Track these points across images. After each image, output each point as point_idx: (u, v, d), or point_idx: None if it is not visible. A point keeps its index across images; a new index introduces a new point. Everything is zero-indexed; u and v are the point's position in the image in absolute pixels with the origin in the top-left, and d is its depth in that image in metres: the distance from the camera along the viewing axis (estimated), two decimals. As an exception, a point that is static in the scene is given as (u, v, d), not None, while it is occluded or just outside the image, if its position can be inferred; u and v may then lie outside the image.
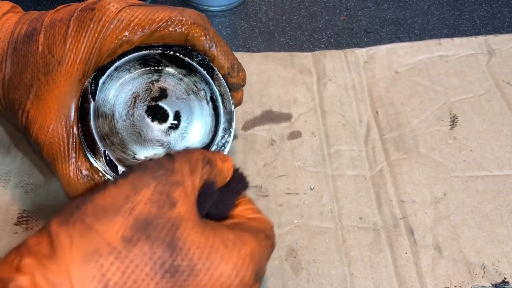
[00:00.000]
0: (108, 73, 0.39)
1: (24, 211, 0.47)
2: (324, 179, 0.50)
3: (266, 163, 0.51)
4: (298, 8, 0.71)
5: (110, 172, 0.39)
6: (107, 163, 0.38)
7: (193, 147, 0.33)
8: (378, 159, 0.52)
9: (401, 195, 0.49)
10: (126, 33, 0.38)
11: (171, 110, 0.42)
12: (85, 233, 0.27)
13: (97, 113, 0.39)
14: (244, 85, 0.44)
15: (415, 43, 0.63)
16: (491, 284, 0.44)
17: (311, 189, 0.50)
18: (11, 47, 0.39)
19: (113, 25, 0.37)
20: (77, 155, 0.38)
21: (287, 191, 0.49)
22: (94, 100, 0.38)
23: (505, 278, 0.44)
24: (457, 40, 0.63)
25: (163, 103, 0.42)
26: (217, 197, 0.34)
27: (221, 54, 0.41)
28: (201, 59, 0.41)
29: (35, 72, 0.38)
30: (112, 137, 0.40)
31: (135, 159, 0.41)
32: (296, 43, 0.65)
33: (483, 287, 0.44)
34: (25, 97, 0.38)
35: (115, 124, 0.40)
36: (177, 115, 0.42)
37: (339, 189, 0.50)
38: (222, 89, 0.42)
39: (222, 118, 0.42)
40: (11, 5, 0.42)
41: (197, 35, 0.40)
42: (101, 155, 0.38)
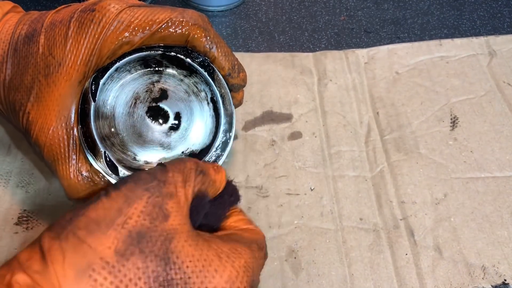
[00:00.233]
0: (108, 74, 0.39)
1: (24, 211, 0.47)
2: (324, 179, 0.50)
3: (266, 163, 0.51)
4: (298, 8, 0.70)
5: (110, 173, 0.39)
6: (107, 164, 0.38)
7: (185, 157, 0.33)
8: (378, 160, 0.52)
9: (401, 196, 0.49)
10: (126, 34, 0.38)
11: (172, 111, 0.42)
12: (78, 248, 0.26)
13: (97, 114, 0.39)
14: (244, 86, 0.44)
15: (416, 44, 0.63)
16: (491, 285, 0.44)
17: (312, 190, 0.50)
18: (11, 48, 0.39)
19: (113, 26, 0.37)
20: (77, 156, 0.38)
21: (287, 192, 0.49)
22: (94, 101, 0.38)
23: (505, 279, 0.44)
24: (457, 40, 0.63)
25: (164, 104, 0.42)
26: (209, 208, 0.34)
27: (222, 55, 0.41)
28: (201, 60, 0.41)
29: (36, 73, 0.37)
30: (112, 138, 0.40)
31: (136, 160, 0.41)
32: (296, 43, 0.65)
33: (483, 288, 0.44)
34: (25, 99, 0.38)
35: (116, 125, 0.40)
36: (177, 116, 0.42)
37: (340, 190, 0.50)
38: (222, 90, 0.42)
39: (222, 119, 0.42)
40: (12, 5, 0.42)
41: (198, 36, 0.40)
42: (101, 156, 0.38)
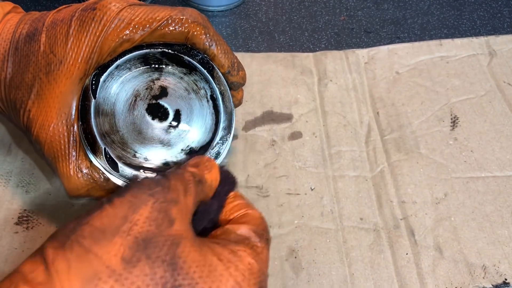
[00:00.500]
0: (109, 71, 0.39)
1: (24, 210, 0.46)
2: (324, 179, 0.50)
3: (266, 163, 0.51)
4: (298, 8, 0.70)
5: (110, 170, 0.39)
6: (107, 161, 0.38)
7: (181, 169, 0.33)
8: (379, 160, 0.52)
9: (401, 196, 0.49)
10: (127, 32, 0.38)
11: (172, 108, 0.42)
12: (83, 257, 0.25)
13: (97, 111, 0.39)
14: (244, 84, 0.44)
15: (416, 44, 0.63)
16: (492, 285, 0.44)
17: (312, 190, 0.49)
18: (13, 47, 0.39)
19: (114, 24, 0.37)
20: (77, 153, 0.38)
21: (287, 192, 0.49)
22: (95, 98, 0.38)
23: (506, 279, 0.44)
24: (458, 40, 0.63)
25: (164, 102, 0.42)
26: (208, 208, 0.34)
27: (221, 52, 0.41)
28: (201, 57, 0.41)
29: (37, 71, 0.38)
30: (112, 135, 0.40)
31: (135, 157, 0.41)
32: (296, 43, 0.65)
33: (484, 288, 0.44)
34: (26, 97, 0.38)
35: (116, 122, 0.40)
36: (177, 114, 0.42)
37: (340, 189, 0.50)
38: (222, 88, 0.42)
39: (222, 116, 0.42)
40: (12, 5, 0.42)
41: (197, 33, 0.40)
42: (101, 152, 0.38)
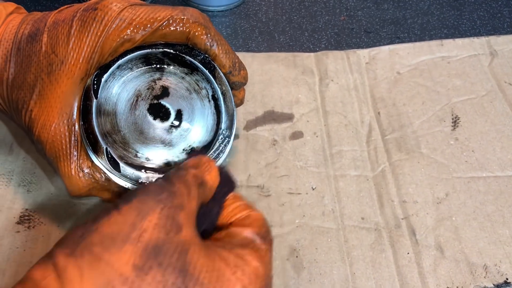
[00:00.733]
0: (110, 71, 0.39)
1: (26, 210, 0.46)
2: (326, 179, 0.50)
3: (268, 163, 0.51)
4: (298, 8, 0.71)
5: (112, 169, 0.39)
6: (109, 161, 0.38)
7: (184, 170, 0.33)
8: (380, 159, 0.52)
9: (403, 195, 0.49)
10: (128, 32, 0.38)
11: (173, 108, 0.42)
12: (95, 265, 0.25)
13: (99, 111, 0.39)
14: (245, 84, 0.44)
15: (417, 44, 0.63)
16: (493, 284, 0.44)
17: (313, 189, 0.49)
18: (15, 47, 0.39)
19: (115, 24, 0.38)
20: (79, 153, 0.38)
21: (289, 191, 0.49)
22: (96, 98, 0.38)
23: (507, 278, 0.44)
24: (459, 41, 0.63)
25: (165, 102, 0.42)
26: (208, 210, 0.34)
27: (222, 52, 0.41)
28: (202, 57, 0.41)
29: (39, 72, 0.38)
30: (114, 135, 0.40)
31: (137, 157, 0.41)
32: (296, 43, 0.65)
33: (485, 287, 0.44)
34: (28, 97, 0.38)
35: (117, 122, 0.40)
36: (179, 114, 0.42)
37: (341, 189, 0.50)
38: (223, 88, 0.42)
39: (223, 116, 0.42)
40: (15, 6, 0.43)
41: (198, 33, 0.40)
42: (103, 152, 0.38)
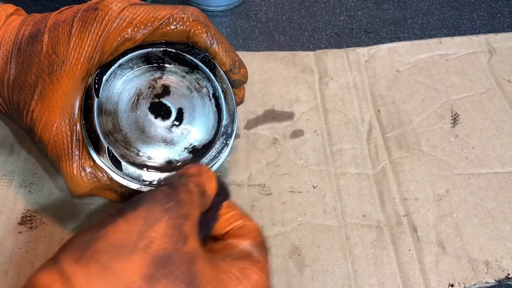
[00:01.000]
0: (111, 70, 0.39)
1: (28, 210, 0.46)
2: (327, 177, 0.50)
3: (269, 161, 0.51)
4: (298, 8, 0.71)
5: (114, 168, 0.39)
6: (110, 160, 0.38)
7: (185, 178, 0.33)
8: (380, 157, 0.52)
9: (403, 192, 0.49)
10: (128, 31, 0.38)
11: (174, 107, 0.42)
12: (103, 274, 0.25)
13: (100, 110, 0.39)
14: (246, 82, 0.44)
15: (416, 42, 0.63)
16: (495, 280, 0.44)
17: (314, 187, 0.50)
18: (15, 48, 0.39)
19: (115, 23, 0.38)
20: (81, 152, 0.38)
21: (290, 190, 0.49)
22: (97, 97, 0.38)
23: (509, 274, 0.44)
24: (457, 38, 0.63)
25: (166, 100, 0.42)
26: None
27: (223, 50, 0.41)
28: (203, 56, 0.41)
29: (40, 72, 0.38)
30: (115, 134, 0.40)
31: (139, 156, 0.41)
32: (296, 43, 0.65)
33: (486, 283, 0.44)
34: (29, 97, 0.38)
35: (119, 121, 0.40)
36: (180, 112, 0.42)
37: (342, 187, 0.50)
38: (224, 86, 0.42)
39: (224, 114, 0.42)
40: (15, 8, 0.43)
41: (199, 31, 0.40)
42: (104, 151, 0.38)
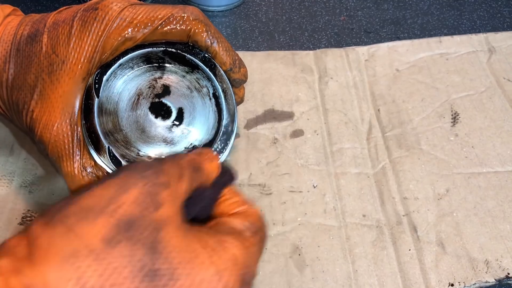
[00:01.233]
0: (111, 70, 0.39)
1: (28, 211, 0.46)
2: (327, 177, 0.50)
3: (269, 161, 0.51)
4: (298, 8, 0.71)
5: (114, 168, 0.39)
6: (111, 159, 0.38)
7: (183, 153, 0.33)
8: (380, 156, 0.52)
9: (403, 192, 0.49)
10: (129, 31, 0.38)
11: (174, 106, 0.42)
12: (65, 236, 0.25)
13: (101, 110, 0.39)
14: (246, 81, 0.44)
15: (416, 41, 0.63)
16: (495, 279, 0.44)
17: (314, 187, 0.50)
18: (14, 48, 0.39)
19: (116, 23, 0.38)
20: (82, 152, 0.38)
21: (290, 189, 0.49)
22: (98, 97, 0.38)
23: (509, 273, 0.44)
24: (457, 38, 0.63)
25: (166, 100, 0.42)
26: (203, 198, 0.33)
27: (223, 50, 0.41)
28: (203, 55, 0.41)
29: (39, 72, 0.38)
30: (116, 133, 0.40)
31: (139, 156, 0.41)
32: (296, 43, 0.65)
33: (486, 282, 0.44)
34: (29, 97, 0.38)
35: (119, 121, 0.40)
36: (180, 112, 0.42)
37: (342, 186, 0.50)
38: (224, 86, 0.42)
39: (224, 114, 0.42)
40: (12, 8, 0.43)
41: (199, 31, 0.40)
42: (105, 151, 0.38)
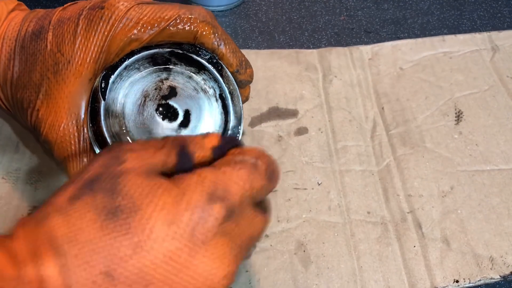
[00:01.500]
0: (118, 72, 0.39)
1: (34, 207, 0.47)
2: (331, 174, 0.51)
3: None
4: (298, 8, 0.71)
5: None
6: None
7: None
8: (384, 154, 0.52)
9: (408, 189, 0.49)
10: (135, 31, 0.38)
11: (181, 108, 0.42)
12: (42, 207, 0.28)
13: (107, 113, 0.39)
14: (251, 82, 0.44)
15: (419, 40, 0.63)
16: (500, 276, 0.44)
17: (319, 184, 0.50)
18: (18, 45, 0.39)
19: (122, 23, 0.37)
20: (88, 154, 0.38)
21: (295, 186, 0.50)
22: (104, 99, 0.38)
23: (513, 270, 0.44)
24: (460, 36, 0.64)
25: (173, 102, 0.42)
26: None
27: (230, 51, 0.41)
28: (210, 57, 0.41)
29: (44, 71, 0.37)
30: (122, 136, 0.40)
31: (147, 156, 0.41)
32: (296, 43, 0.65)
33: (491, 279, 0.44)
34: (34, 96, 0.38)
35: (126, 123, 0.40)
36: (186, 113, 0.42)
37: (347, 184, 0.50)
38: (231, 87, 0.42)
39: (231, 115, 0.42)
40: (16, 2, 0.42)
41: (206, 33, 0.40)
42: None
